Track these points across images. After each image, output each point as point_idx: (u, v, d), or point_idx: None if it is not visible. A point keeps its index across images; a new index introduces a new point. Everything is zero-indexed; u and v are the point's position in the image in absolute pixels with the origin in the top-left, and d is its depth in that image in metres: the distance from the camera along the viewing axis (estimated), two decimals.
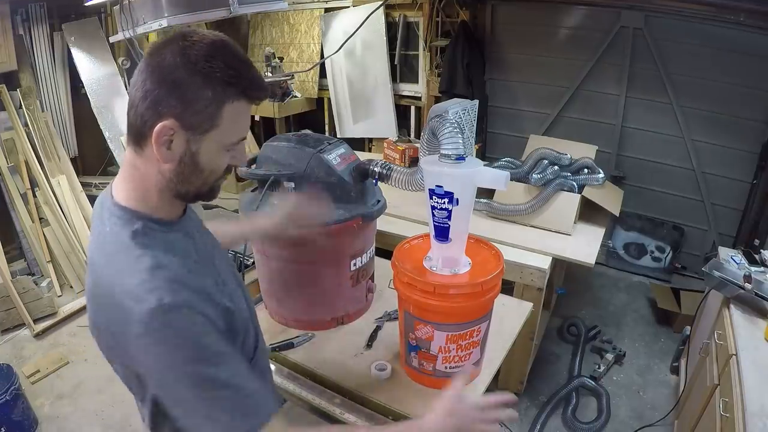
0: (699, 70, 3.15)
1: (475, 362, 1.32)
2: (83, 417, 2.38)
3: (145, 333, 0.68)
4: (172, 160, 0.73)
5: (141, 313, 0.67)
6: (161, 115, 0.70)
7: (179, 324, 0.69)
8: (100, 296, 0.75)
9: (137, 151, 0.75)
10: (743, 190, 3.19)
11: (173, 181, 0.76)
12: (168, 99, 0.69)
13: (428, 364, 1.28)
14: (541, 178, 2.42)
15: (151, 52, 0.71)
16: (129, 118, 0.73)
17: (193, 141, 0.73)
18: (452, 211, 1.13)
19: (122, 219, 0.75)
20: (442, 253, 1.24)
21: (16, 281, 2.97)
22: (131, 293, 0.69)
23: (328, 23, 4.21)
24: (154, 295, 0.68)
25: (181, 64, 0.68)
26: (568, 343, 2.88)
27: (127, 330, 0.69)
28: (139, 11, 1.87)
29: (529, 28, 3.67)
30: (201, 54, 0.69)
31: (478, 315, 1.23)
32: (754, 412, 1.35)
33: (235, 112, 0.73)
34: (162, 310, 0.67)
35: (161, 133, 0.70)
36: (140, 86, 0.70)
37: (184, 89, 0.69)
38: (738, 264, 1.94)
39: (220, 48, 0.71)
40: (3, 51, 3.23)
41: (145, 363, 0.72)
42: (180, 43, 0.69)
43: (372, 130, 4.38)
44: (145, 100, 0.70)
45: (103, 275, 0.74)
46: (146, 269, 0.70)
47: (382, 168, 1.47)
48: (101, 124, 3.64)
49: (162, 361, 0.70)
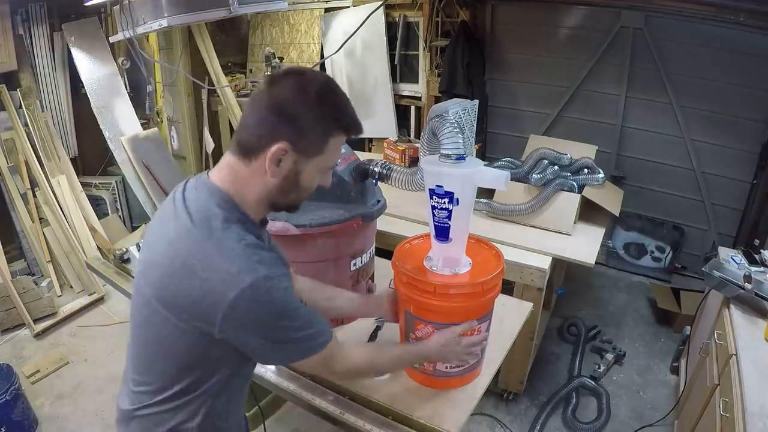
0: (699, 70, 3.15)
1: (476, 362, 1.31)
2: (83, 417, 2.38)
3: (251, 297, 0.79)
4: (278, 175, 0.86)
5: (253, 279, 0.79)
6: (277, 139, 0.82)
7: (282, 288, 0.83)
8: (194, 270, 0.80)
9: (244, 162, 0.86)
10: (743, 190, 3.19)
11: (273, 193, 0.88)
12: (286, 127, 0.82)
13: (428, 364, 1.28)
14: (541, 178, 2.42)
15: (270, 82, 0.85)
16: (241, 134, 0.86)
17: (300, 162, 0.86)
18: (452, 210, 1.13)
19: (226, 203, 0.85)
20: (442, 253, 1.24)
21: (16, 281, 2.98)
22: (234, 270, 0.79)
23: (328, 23, 4.21)
24: (261, 267, 0.81)
25: (300, 101, 0.82)
26: (568, 343, 2.88)
27: (226, 295, 0.78)
28: (139, 11, 1.87)
29: (529, 28, 3.67)
30: (316, 92, 0.83)
31: (479, 315, 1.23)
32: (754, 412, 1.35)
33: (336, 144, 0.89)
34: (269, 277, 0.81)
35: (276, 154, 0.83)
36: (258, 111, 0.84)
37: (300, 121, 0.83)
38: (738, 264, 1.94)
39: (332, 89, 0.86)
40: (3, 51, 3.23)
41: (238, 324, 0.81)
42: (297, 78, 0.84)
43: (372, 130, 4.38)
44: (265, 124, 0.83)
45: (201, 252, 0.81)
46: (248, 247, 0.82)
47: (382, 168, 1.47)
48: (101, 124, 3.64)
49: (261, 320, 0.82)
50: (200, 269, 0.80)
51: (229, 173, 0.88)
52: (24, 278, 3.06)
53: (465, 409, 1.25)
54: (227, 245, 0.81)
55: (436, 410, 1.24)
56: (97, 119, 3.63)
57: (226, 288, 0.78)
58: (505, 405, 2.45)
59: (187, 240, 0.82)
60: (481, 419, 2.35)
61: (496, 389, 2.46)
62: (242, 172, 0.86)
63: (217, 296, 0.79)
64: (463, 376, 1.31)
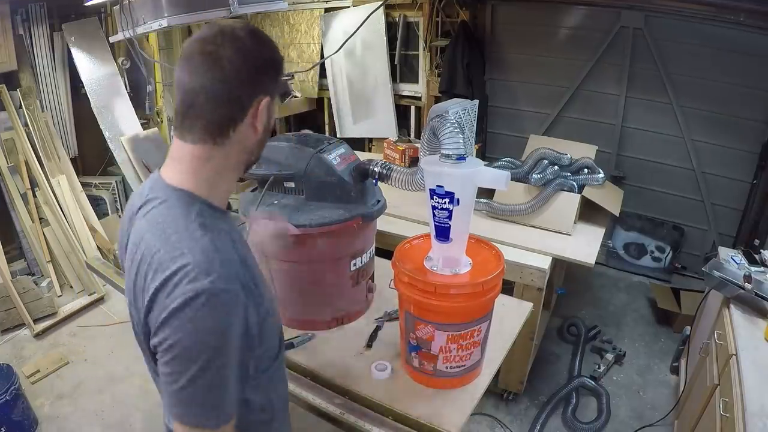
0: (699, 70, 3.15)
1: (475, 362, 1.31)
2: (83, 417, 2.38)
3: (186, 308, 0.69)
4: (263, 129, 0.82)
5: (192, 290, 0.69)
6: (258, 94, 0.78)
7: (219, 311, 0.71)
8: (149, 271, 0.74)
9: (219, 142, 0.78)
10: (743, 190, 3.19)
11: (254, 153, 0.84)
12: (266, 76, 0.79)
13: (429, 364, 1.28)
14: (541, 178, 2.42)
15: (210, 50, 0.75)
16: (208, 114, 0.76)
17: (271, 106, 0.82)
18: (453, 211, 1.13)
19: (181, 200, 0.78)
20: (442, 253, 1.24)
21: (16, 281, 2.98)
22: (185, 270, 0.71)
23: (328, 23, 4.21)
24: (209, 277, 0.70)
25: (261, 43, 0.79)
26: (568, 343, 2.88)
27: (169, 303, 0.70)
28: (139, 11, 1.87)
29: (529, 28, 3.67)
30: (253, 39, 0.78)
31: (479, 315, 1.23)
32: (754, 412, 1.35)
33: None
34: (210, 293, 0.70)
35: (263, 109, 0.79)
36: (222, 78, 0.75)
37: (264, 67, 0.79)
38: (738, 264, 1.94)
39: (258, 30, 0.82)
40: (3, 51, 3.23)
41: (170, 333, 0.72)
42: (236, 33, 0.77)
43: (372, 130, 4.38)
44: (235, 89, 0.76)
45: (157, 251, 0.74)
46: (205, 250, 0.73)
47: (382, 168, 1.47)
48: (101, 124, 3.64)
49: (187, 338, 0.71)
50: (150, 277, 0.74)
51: (195, 165, 0.79)
52: (24, 278, 3.06)
53: (465, 409, 1.25)
54: (178, 251, 0.73)
55: (436, 410, 1.24)
56: (97, 119, 3.63)
57: (170, 299, 0.71)
58: (505, 405, 2.45)
59: (154, 255, 0.75)
60: (481, 419, 2.35)
61: (496, 389, 2.46)
62: (215, 154, 0.79)
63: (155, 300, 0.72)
64: (463, 376, 1.32)
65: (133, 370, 2.65)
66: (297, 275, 1.51)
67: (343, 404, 1.31)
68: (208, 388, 0.72)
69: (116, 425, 2.34)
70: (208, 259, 0.72)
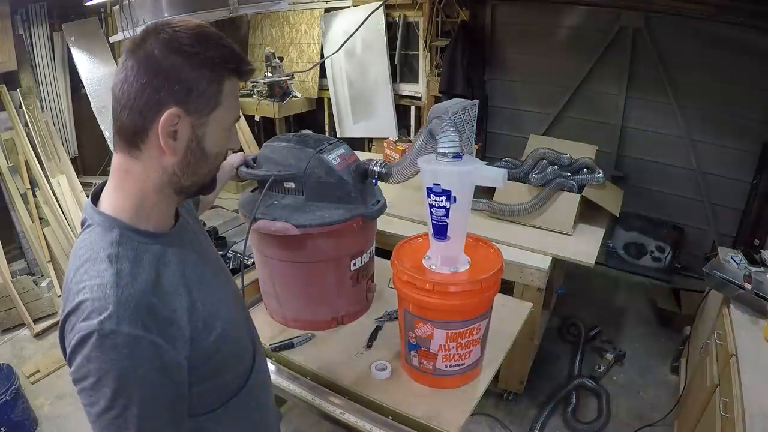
0: (699, 70, 3.15)
1: (475, 361, 1.32)
2: (83, 417, 2.37)
3: (79, 347, 0.65)
4: (177, 150, 0.72)
5: (85, 327, 0.65)
6: (163, 105, 0.68)
7: (111, 353, 0.65)
8: (65, 300, 0.71)
9: (133, 154, 0.72)
10: (743, 190, 3.19)
11: (177, 176, 0.74)
12: (168, 86, 0.68)
13: (428, 362, 1.28)
14: (541, 178, 2.42)
15: (132, 48, 0.69)
16: (120, 121, 0.71)
17: (197, 125, 0.72)
18: (450, 209, 1.13)
19: (101, 226, 0.73)
20: (441, 252, 1.24)
21: (16, 281, 2.98)
22: (83, 306, 0.66)
23: (328, 23, 4.22)
24: (100, 317, 0.64)
25: (174, 51, 0.68)
26: (568, 343, 2.88)
27: (70, 339, 0.67)
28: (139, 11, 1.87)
29: (529, 28, 3.66)
30: (189, 39, 0.69)
31: (478, 313, 1.23)
32: (754, 412, 1.35)
33: (232, 90, 0.74)
34: (100, 334, 0.64)
35: (167, 123, 0.69)
36: (131, 83, 0.68)
37: (183, 74, 0.69)
38: (738, 264, 1.94)
39: (204, 32, 0.72)
40: (3, 51, 3.23)
41: (73, 369, 0.68)
42: (162, 34, 0.69)
43: (372, 130, 4.38)
44: (143, 94, 0.68)
45: (70, 280, 0.71)
46: (103, 285, 0.66)
47: (382, 167, 1.47)
48: (101, 124, 3.64)
49: (85, 376, 0.66)
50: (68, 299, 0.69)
51: (119, 177, 0.74)
52: (24, 278, 3.06)
53: (465, 409, 1.25)
54: (81, 284, 0.68)
55: (436, 410, 1.24)
56: (97, 119, 3.63)
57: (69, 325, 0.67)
58: (505, 405, 2.45)
59: (68, 286, 0.71)
60: (481, 419, 2.35)
61: (496, 389, 2.46)
62: (133, 167, 0.73)
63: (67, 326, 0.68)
64: (463, 375, 1.32)
65: None
66: (297, 275, 1.51)
67: (343, 404, 1.31)
68: (116, 427, 0.67)
69: None
70: (103, 296, 0.65)
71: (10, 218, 3.34)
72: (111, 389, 0.65)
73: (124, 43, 0.72)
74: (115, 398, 0.66)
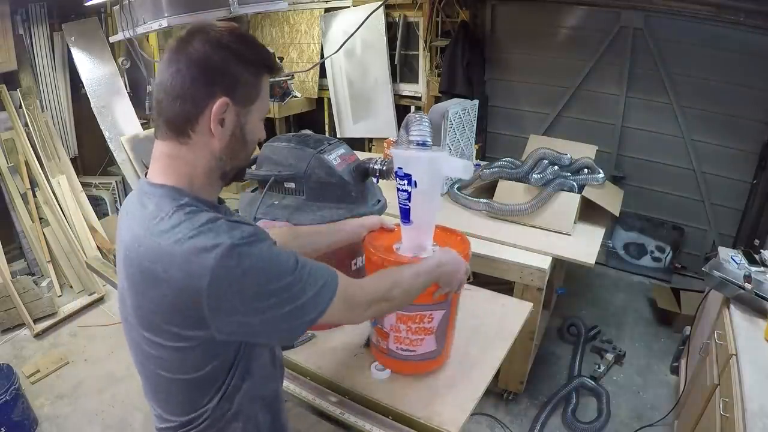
0: (699, 70, 3.15)
1: (429, 351, 1.31)
2: (83, 417, 2.38)
3: (225, 274, 0.71)
4: (224, 136, 0.80)
5: (218, 255, 0.70)
6: (213, 95, 0.77)
7: (256, 250, 0.74)
8: (156, 275, 0.73)
9: (182, 141, 0.79)
10: (743, 190, 3.19)
11: (222, 160, 0.82)
12: (218, 78, 0.77)
13: (383, 341, 1.31)
14: (541, 178, 2.42)
15: (180, 46, 0.77)
16: (170, 110, 0.78)
17: (242, 114, 0.81)
18: (411, 193, 1.16)
19: (167, 196, 0.78)
20: (406, 237, 1.26)
21: (16, 281, 2.98)
22: (197, 249, 0.71)
23: (328, 23, 4.21)
24: (223, 238, 0.72)
25: (222, 48, 0.77)
26: (568, 343, 2.88)
27: (200, 285, 0.70)
28: (139, 11, 1.87)
29: (529, 28, 3.67)
30: (234, 39, 0.79)
31: (428, 301, 1.20)
32: (754, 412, 1.35)
33: (266, 86, 0.85)
34: (236, 245, 0.72)
35: (218, 110, 0.77)
36: (183, 75, 0.76)
37: (231, 68, 0.78)
38: (738, 264, 1.94)
39: (244, 34, 0.82)
40: (3, 51, 3.23)
41: (226, 307, 0.73)
42: (209, 34, 0.78)
43: (372, 130, 4.38)
44: (196, 85, 0.76)
45: (156, 253, 0.74)
46: (204, 224, 0.74)
47: (382, 165, 1.47)
48: (101, 124, 3.64)
49: (249, 294, 0.74)
50: (161, 271, 0.72)
51: (166, 163, 0.81)
52: (24, 278, 3.06)
53: (465, 409, 1.25)
54: (179, 235, 0.73)
55: (436, 410, 1.24)
56: (97, 119, 3.63)
57: (195, 279, 0.70)
58: (505, 405, 2.45)
59: (139, 251, 0.75)
60: (481, 419, 2.35)
61: (496, 389, 2.46)
62: (182, 154, 0.80)
63: (193, 292, 0.71)
64: (416, 363, 1.32)
65: (133, 370, 2.63)
66: None
67: (343, 404, 1.31)
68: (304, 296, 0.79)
69: (116, 425, 2.34)
70: (214, 228, 0.74)
71: (10, 218, 3.34)
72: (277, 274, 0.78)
73: (169, 41, 0.80)
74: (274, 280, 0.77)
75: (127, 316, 0.83)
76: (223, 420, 0.86)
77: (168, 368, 0.81)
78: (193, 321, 0.74)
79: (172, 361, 0.80)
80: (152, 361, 0.82)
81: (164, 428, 0.89)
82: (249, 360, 0.86)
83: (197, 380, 0.81)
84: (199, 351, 0.78)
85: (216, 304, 0.72)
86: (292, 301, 0.77)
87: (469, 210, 2.58)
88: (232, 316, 0.74)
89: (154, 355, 0.81)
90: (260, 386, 0.90)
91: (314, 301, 0.80)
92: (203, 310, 0.72)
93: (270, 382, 0.95)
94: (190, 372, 0.81)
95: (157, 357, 0.81)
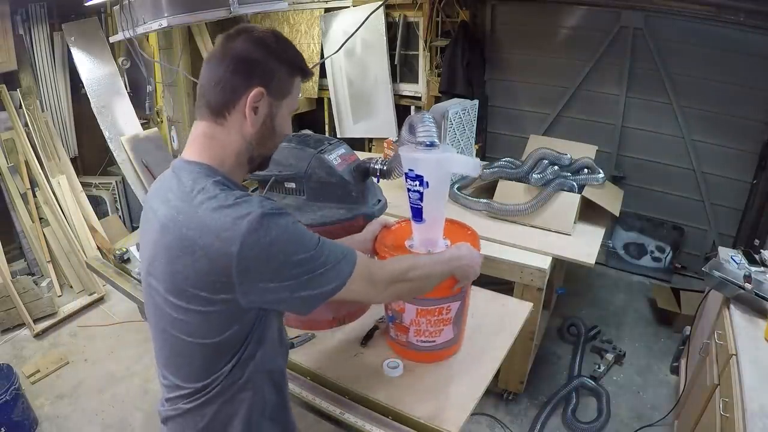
0: (699, 70, 3.15)
1: (447, 340, 1.36)
2: (83, 417, 2.38)
3: (254, 242, 0.78)
4: (257, 123, 0.89)
5: (249, 223, 0.78)
6: (251, 84, 0.86)
7: (283, 222, 0.82)
8: (194, 242, 0.79)
9: (219, 122, 0.89)
10: (743, 190, 3.19)
11: (252, 145, 0.91)
12: (257, 72, 0.87)
13: (402, 335, 1.35)
14: (541, 178, 2.42)
15: (228, 41, 0.88)
16: (212, 93, 0.88)
17: (274, 106, 0.91)
18: (423, 193, 1.19)
19: (203, 173, 0.86)
20: (419, 234, 1.29)
21: (16, 281, 2.98)
22: (232, 218, 0.79)
23: (328, 23, 4.21)
24: (254, 207, 0.80)
25: (263, 46, 0.88)
26: (568, 343, 2.88)
27: (231, 252, 0.77)
28: (139, 11, 1.87)
29: (529, 28, 3.67)
30: (274, 39, 0.90)
31: (445, 294, 1.26)
32: (754, 412, 1.35)
33: (298, 85, 0.95)
34: (266, 214, 0.79)
35: (254, 98, 0.86)
36: (227, 64, 0.86)
37: (269, 64, 0.88)
38: (738, 264, 1.94)
39: (283, 37, 0.93)
40: (3, 51, 3.23)
41: (252, 274, 0.80)
42: (252, 33, 0.89)
43: (372, 130, 4.38)
44: (237, 74, 0.86)
45: (195, 221, 0.80)
46: (239, 197, 0.82)
47: (382, 164, 1.47)
48: (101, 124, 3.64)
49: (276, 261, 0.81)
50: (197, 238, 0.79)
51: (202, 142, 0.90)
52: (24, 278, 3.06)
53: (465, 409, 1.25)
54: (215, 204, 0.80)
55: (436, 410, 1.24)
56: (97, 119, 3.63)
57: (228, 244, 0.77)
58: (505, 405, 2.45)
59: (178, 219, 0.82)
60: (481, 419, 2.35)
61: (496, 389, 2.46)
62: (217, 133, 0.89)
63: (224, 258, 0.78)
64: (434, 352, 1.37)
65: (133, 370, 2.66)
66: None
67: (343, 404, 1.31)
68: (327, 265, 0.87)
69: (116, 425, 2.34)
70: (246, 200, 0.82)
71: (10, 218, 3.34)
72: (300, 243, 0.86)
73: (218, 36, 0.91)
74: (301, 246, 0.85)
75: (150, 282, 0.89)
76: (233, 387, 0.90)
77: (191, 332, 0.86)
78: (221, 286, 0.80)
79: (196, 325, 0.85)
80: (175, 325, 0.87)
81: (174, 397, 0.92)
82: (264, 330, 0.91)
83: (216, 345, 0.86)
84: (223, 316, 0.84)
85: (244, 270, 0.79)
86: (315, 270, 0.85)
87: (469, 210, 2.58)
88: (257, 283, 0.81)
89: (178, 319, 0.86)
90: (270, 359, 0.94)
91: (335, 272, 0.88)
92: (232, 276, 0.79)
93: (278, 357, 0.99)
94: (211, 336, 0.85)
95: (181, 320, 0.85)
